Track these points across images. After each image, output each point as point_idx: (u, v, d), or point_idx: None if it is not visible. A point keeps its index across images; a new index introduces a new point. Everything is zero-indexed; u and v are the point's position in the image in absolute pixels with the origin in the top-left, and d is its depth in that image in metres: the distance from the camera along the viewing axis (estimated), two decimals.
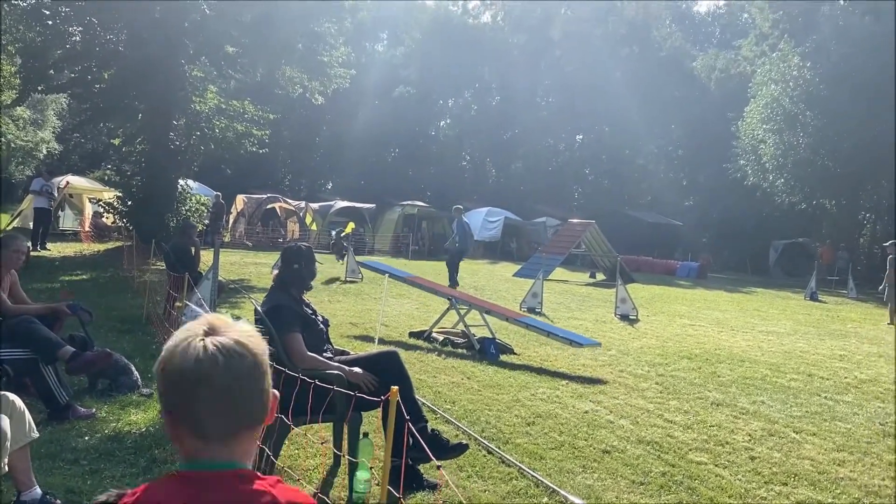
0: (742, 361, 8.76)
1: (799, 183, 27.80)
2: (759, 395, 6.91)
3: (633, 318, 12.53)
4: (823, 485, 4.52)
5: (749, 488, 4.38)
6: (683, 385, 7.18)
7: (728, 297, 19.28)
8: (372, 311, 10.77)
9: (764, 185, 29.46)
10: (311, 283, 4.41)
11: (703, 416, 5.98)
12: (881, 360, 9.76)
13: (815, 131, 26.07)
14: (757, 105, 28.70)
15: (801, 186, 27.95)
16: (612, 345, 9.45)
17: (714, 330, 11.79)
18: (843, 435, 5.70)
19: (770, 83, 27.76)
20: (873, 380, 8.15)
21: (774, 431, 5.66)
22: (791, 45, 27.38)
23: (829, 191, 28.19)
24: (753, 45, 32.62)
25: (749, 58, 33.98)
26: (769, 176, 28.60)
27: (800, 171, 27.22)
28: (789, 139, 26.95)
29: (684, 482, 4.39)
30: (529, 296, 13.04)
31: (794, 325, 13.21)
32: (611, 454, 4.84)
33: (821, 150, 26.38)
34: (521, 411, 5.77)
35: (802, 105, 26.22)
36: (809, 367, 8.65)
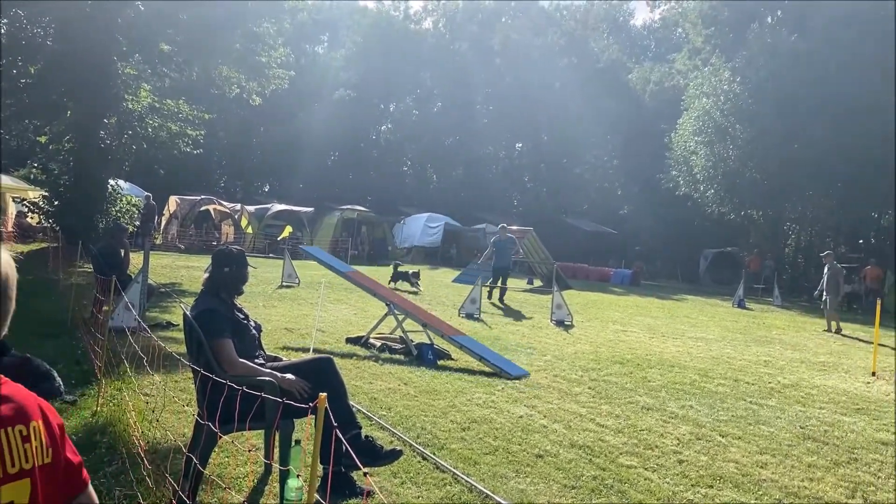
0: (672, 367, 8.98)
1: (728, 194, 28.72)
2: (687, 400, 7.09)
3: (568, 323, 12.71)
4: (747, 486, 4.66)
5: (677, 491, 4.48)
6: (615, 390, 7.31)
7: (660, 303, 19.75)
8: (308, 317, 10.62)
9: (695, 195, 30.33)
10: (243, 287, 4.32)
11: (633, 421, 6.10)
12: (803, 365, 10.15)
13: (743, 144, 26.99)
14: (689, 117, 29.55)
15: (731, 197, 28.88)
16: (548, 350, 9.57)
17: (646, 336, 12.06)
18: (766, 438, 5.90)
19: (702, 96, 28.63)
20: (795, 385, 8.46)
21: (702, 435, 5.82)
22: (722, 60, 28.32)
23: (757, 202, 29.20)
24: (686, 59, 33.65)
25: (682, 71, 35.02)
26: (700, 186, 29.46)
27: (729, 183, 28.13)
28: (719, 151, 27.83)
29: (614, 486, 4.47)
30: (468, 302, 13.09)
31: (722, 332, 13.61)
32: (544, 458, 4.89)
33: (749, 162, 27.33)
34: (456, 416, 5.77)
35: (732, 118, 27.12)
36: (736, 373, 8.92)
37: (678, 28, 42.27)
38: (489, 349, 8.41)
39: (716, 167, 27.97)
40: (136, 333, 6.31)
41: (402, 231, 32.83)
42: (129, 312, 7.62)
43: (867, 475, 5.11)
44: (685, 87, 32.16)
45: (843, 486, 4.81)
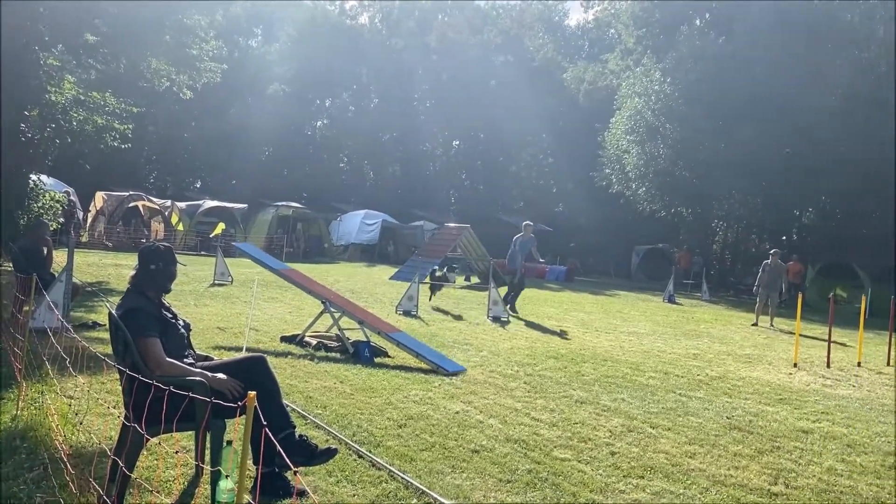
0: (605, 361, 9.16)
1: (659, 192, 29.45)
2: (619, 393, 7.25)
3: (504, 319, 12.83)
4: (676, 476, 4.79)
5: (609, 482, 4.57)
6: (550, 384, 7.42)
7: (593, 299, 20.14)
8: (241, 316, 10.43)
9: (627, 193, 31.00)
10: (171, 285, 4.19)
11: (567, 414, 6.20)
12: (729, 358, 10.50)
13: (673, 143, 27.72)
14: (621, 117, 30.17)
15: (661, 195, 29.62)
16: (484, 346, 9.63)
17: (580, 331, 12.27)
18: (695, 429, 6.07)
19: (634, 96, 29.26)
20: (722, 377, 8.74)
21: (633, 427, 5.95)
22: (653, 61, 29.00)
23: (686, 200, 30.03)
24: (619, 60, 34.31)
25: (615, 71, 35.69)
26: (632, 185, 30.13)
27: (660, 181, 28.85)
28: (651, 150, 28.50)
29: (549, 479, 4.52)
30: (405, 299, 13.06)
31: (654, 326, 13.97)
32: (480, 453, 4.92)
33: (679, 161, 28.08)
34: (393, 414, 5.75)
35: (663, 118, 27.81)
36: (666, 366, 9.16)
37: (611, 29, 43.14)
38: (426, 346, 8.42)
39: (647, 166, 28.64)
40: (58, 334, 6.07)
41: (338, 228, 32.56)
42: (52, 312, 7.32)
43: (789, 462, 5.32)
44: (618, 87, 32.80)
45: (767, 473, 4.99)
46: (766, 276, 16.10)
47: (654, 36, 29.52)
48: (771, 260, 16.41)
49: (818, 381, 9.09)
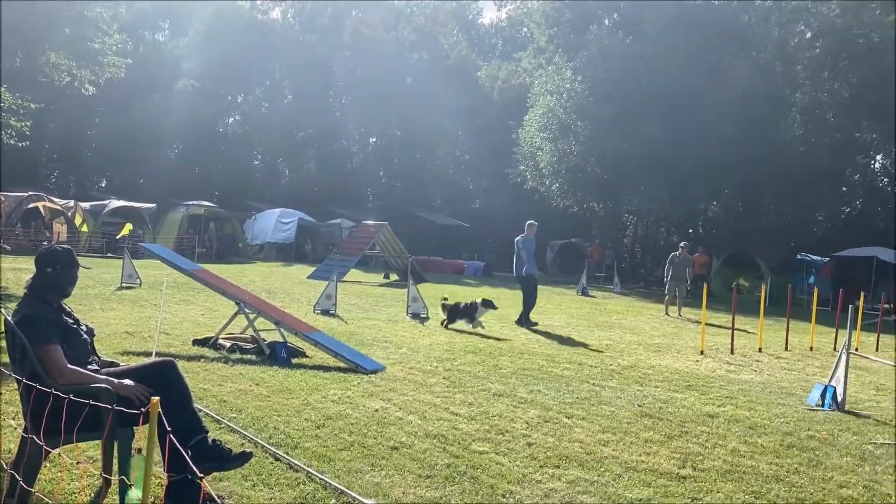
0: (522, 354, 9.32)
1: (572, 187, 30.13)
2: (536, 385, 7.39)
3: (423, 316, 12.87)
4: (590, 464, 4.92)
5: (526, 473, 4.65)
6: (469, 378, 7.49)
7: (510, 293, 20.40)
8: (151, 319, 10.07)
9: (541, 189, 31.58)
10: (71, 289, 4.00)
11: (485, 408, 6.27)
12: (640, 347, 10.86)
13: (584, 140, 28.41)
14: (534, 114, 30.70)
15: (574, 191, 30.32)
16: (403, 343, 9.64)
17: (497, 325, 12.44)
18: (608, 417, 6.25)
19: (546, 94, 29.81)
20: (633, 366, 9.03)
21: (549, 418, 6.08)
22: (564, 59, 29.61)
23: (598, 195, 30.85)
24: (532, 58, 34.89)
25: (528, 70, 36.29)
26: (546, 181, 30.71)
27: (572, 177, 29.52)
28: (563, 147, 29.13)
29: (467, 472, 4.57)
30: (323, 298, 12.92)
31: (568, 319, 14.30)
32: (399, 450, 4.92)
33: (590, 157, 28.80)
34: (311, 414, 5.68)
35: (574, 116, 28.46)
36: (580, 357, 9.40)
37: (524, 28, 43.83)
38: (344, 345, 8.35)
39: (560, 162, 29.25)
40: None
41: (253, 227, 31.87)
42: None
43: (696, 446, 5.54)
44: (531, 85, 33.36)
45: (676, 458, 5.19)
46: (673, 268, 16.74)
47: (565, 35, 30.15)
48: (679, 252, 17.07)
49: (723, 367, 9.51)
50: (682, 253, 17.04)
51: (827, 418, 6.78)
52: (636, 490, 4.48)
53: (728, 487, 4.64)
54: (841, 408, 7.13)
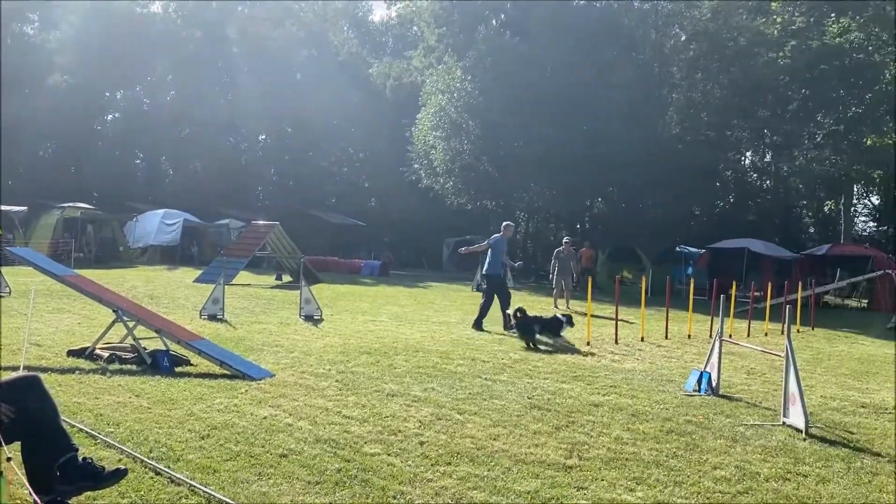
0: (417, 352, 9.34)
1: (465, 185, 30.49)
2: (430, 383, 7.41)
3: (317, 318, 12.68)
4: (481, 459, 4.98)
5: (417, 472, 4.66)
6: (362, 380, 7.42)
7: (407, 292, 20.47)
8: (21, 330, 9.41)
9: (436, 187, 31.79)
10: None
11: (378, 409, 6.24)
12: None
13: (476, 139, 28.81)
14: (427, 113, 30.86)
15: (467, 189, 30.69)
16: (295, 346, 9.45)
17: (393, 324, 12.42)
18: (499, 411, 6.35)
19: (438, 93, 30.01)
20: (524, 359, 9.23)
21: (442, 415, 6.11)
22: (454, 59, 29.92)
23: (490, 193, 31.36)
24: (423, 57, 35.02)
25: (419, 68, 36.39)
26: (440, 179, 30.94)
27: (466, 175, 29.88)
28: (456, 145, 29.42)
29: (358, 475, 4.52)
30: (210, 302, 12.48)
31: (463, 315, 14.45)
32: (288, 457, 4.81)
33: (482, 156, 29.23)
34: (195, 425, 5.47)
35: (465, 114, 28.80)
36: (473, 352, 9.51)
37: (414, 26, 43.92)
38: (230, 352, 8.09)
39: (453, 160, 29.53)
40: None
41: (134, 229, 30.43)
42: None
43: (582, 435, 5.72)
44: (422, 84, 33.49)
45: (563, 448, 5.33)
46: (559, 263, 17.28)
47: (454, 35, 30.47)
48: (563, 248, 17.63)
49: (608, 356, 9.87)
50: (566, 248, 17.60)
51: (703, 403, 7.15)
52: (524, 482, 4.57)
53: (612, 475, 4.81)
54: (715, 392, 7.54)
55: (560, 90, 27.01)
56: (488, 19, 30.64)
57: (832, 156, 26.43)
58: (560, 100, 26.96)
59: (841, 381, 8.92)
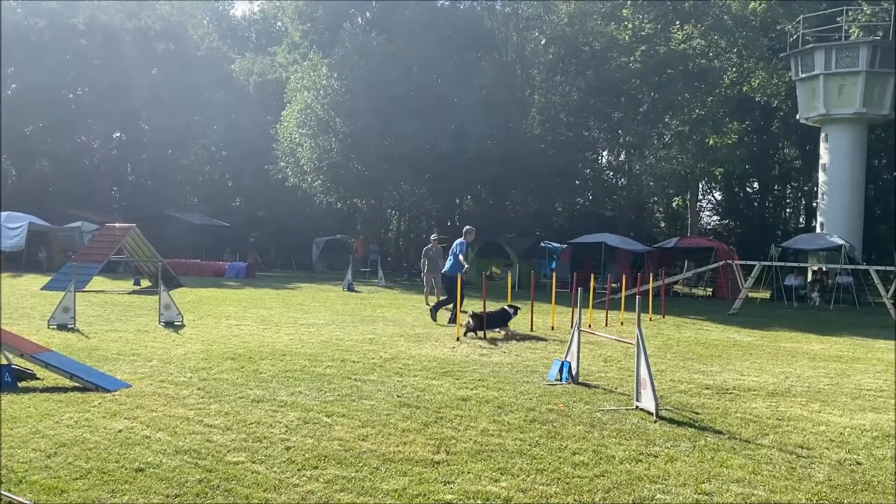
0: (284, 355, 9.16)
1: (334, 184, 30.15)
2: (297, 386, 7.30)
3: (178, 324, 12.16)
4: (349, 461, 4.97)
5: (283, 478, 4.58)
6: (226, 387, 7.20)
7: (275, 294, 20.01)
8: None
9: (303, 185, 31.25)
10: None
11: (243, 416, 6.07)
12: (402, 339, 11.18)
13: (344, 137, 28.55)
14: (293, 110, 30.25)
15: (336, 187, 30.37)
16: (154, 355, 9.03)
17: (259, 328, 12.11)
18: (368, 411, 6.36)
19: (303, 90, 29.49)
20: (395, 357, 9.28)
21: (309, 419, 6.04)
22: (319, 55, 29.50)
23: (360, 191, 31.21)
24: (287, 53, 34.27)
25: (284, 64, 35.62)
26: (308, 177, 30.43)
27: (334, 174, 29.54)
28: (323, 143, 29.03)
29: (221, 485, 4.39)
30: (60, 311, 11.66)
31: (333, 316, 14.32)
32: (145, 471, 4.60)
33: (351, 154, 29.02)
34: (41, 443, 5.11)
35: (332, 112, 28.47)
36: (343, 353, 9.46)
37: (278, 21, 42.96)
38: (81, 364, 7.61)
39: (320, 159, 29.14)
40: None
41: None
42: None
43: (450, 430, 5.83)
44: (287, 80, 32.81)
45: (431, 444, 5.41)
46: (428, 260, 17.48)
47: (319, 31, 30.05)
48: (432, 245, 17.86)
49: (476, 351, 10.10)
50: (434, 245, 17.83)
51: (564, 391, 7.48)
52: (392, 481, 4.60)
53: (478, 467, 4.93)
54: (575, 380, 7.91)
55: (427, 89, 27.31)
56: (353, 17, 30.43)
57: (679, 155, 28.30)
58: (427, 99, 27.25)
59: (688, 365, 9.58)
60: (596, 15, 30.84)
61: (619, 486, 4.65)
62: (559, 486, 4.61)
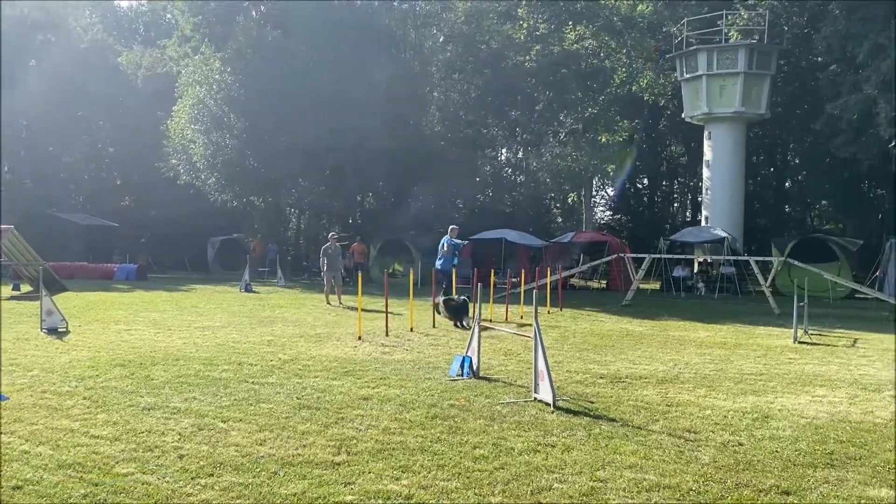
0: (177, 360, 8.83)
1: (230, 182, 29.27)
2: (191, 392, 7.05)
3: (62, 330, 11.52)
4: (246, 466, 4.84)
5: (176, 488, 4.41)
6: (114, 395, 6.87)
7: (167, 296, 19.27)
8: None
9: (197, 183, 30.20)
10: None
11: (132, 425, 5.81)
12: (302, 339, 11.00)
13: (239, 133, 27.76)
14: (184, 105, 29.18)
15: (232, 185, 29.49)
16: (35, 364, 8.51)
17: (151, 332, 11.63)
18: (266, 415, 6.21)
19: (195, 85, 28.49)
20: (294, 359, 9.11)
21: (204, 425, 5.84)
22: (212, 49, 28.56)
23: (257, 189, 30.44)
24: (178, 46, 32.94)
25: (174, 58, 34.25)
26: (201, 175, 29.41)
27: (229, 171, 28.69)
28: (217, 140, 28.15)
29: (108, 499, 4.19)
30: None
31: (229, 318, 13.92)
32: (23, 489, 4.33)
33: (247, 150, 28.27)
34: None
35: (226, 108, 27.63)
36: (240, 356, 9.21)
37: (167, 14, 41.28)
38: None
39: (214, 155, 28.24)
40: None
41: None
42: None
43: (351, 430, 5.78)
44: (178, 75, 31.61)
45: (331, 445, 5.34)
46: (327, 259, 17.31)
47: (212, 24, 29.07)
48: (330, 243, 17.69)
49: (379, 349, 10.06)
50: (333, 244, 17.67)
51: (465, 386, 7.56)
52: (291, 485, 4.52)
53: (379, 466, 4.91)
54: (476, 375, 8.01)
55: (324, 86, 26.91)
56: (247, 11, 29.64)
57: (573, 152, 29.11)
58: (325, 95, 26.86)
59: (584, 356, 9.89)
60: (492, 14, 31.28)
61: (518, 477, 4.74)
62: (459, 481, 4.65)
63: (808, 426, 6.18)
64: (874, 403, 7.14)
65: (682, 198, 43.77)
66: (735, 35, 26.13)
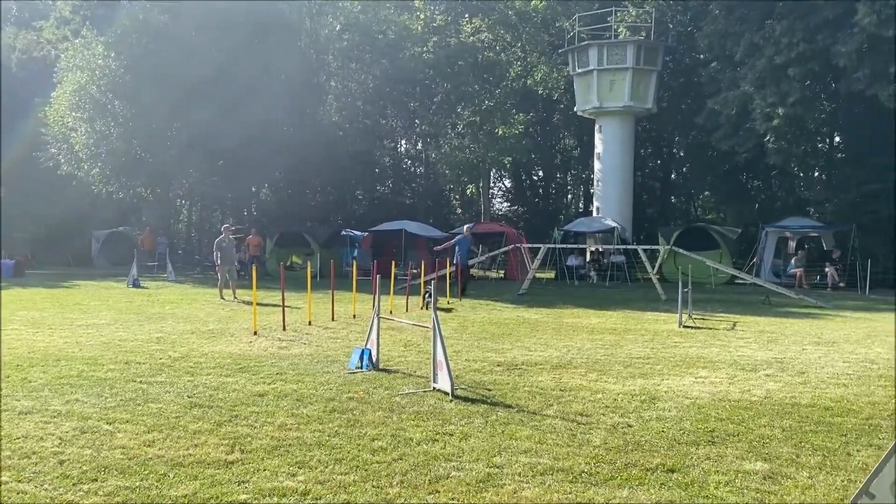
0: (58, 361, 8.36)
1: (115, 172, 27.88)
2: (73, 394, 6.68)
3: None
4: (133, 469, 4.63)
5: (56, 495, 4.17)
6: None
7: (48, 293, 18.20)
8: None
9: (79, 174, 28.61)
10: None
11: (7, 430, 5.45)
12: (194, 336, 10.64)
13: (125, 121, 26.48)
14: (64, 91, 27.57)
15: (118, 175, 28.12)
16: None
17: (29, 332, 10.94)
18: (155, 415, 5.96)
19: (76, 70, 26.95)
20: (185, 356, 8.79)
21: (87, 428, 5.55)
22: (94, 33, 27.07)
23: (145, 179, 29.15)
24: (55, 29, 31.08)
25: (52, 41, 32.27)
26: (84, 165, 27.88)
27: (114, 161, 27.32)
28: (101, 128, 26.74)
29: None
30: None
31: (116, 315, 13.29)
32: None
33: (133, 139, 27.00)
34: None
35: (111, 94, 26.29)
36: (127, 355, 8.80)
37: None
38: None
39: (98, 145, 26.82)
40: None
41: None
42: None
43: (245, 428, 5.63)
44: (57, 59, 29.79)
45: (224, 444, 5.19)
46: (221, 252, 16.80)
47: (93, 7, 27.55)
48: (223, 235, 17.18)
49: (275, 344, 9.86)
50: (227, 236, 17.18)
51: (364, 378, 7.52)
52: (182, 486, 4.36)
53: (274, 463, 4.81)
54: (376, 367, 7.98)
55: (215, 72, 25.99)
56: None
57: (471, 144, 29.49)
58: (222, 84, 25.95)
59: (482, 345, 10.04)
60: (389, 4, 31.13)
61: (416, 467, 4.76)
62: (357, 474, 4.63)
63: (692, 406, 6.52)
64: (751, 382, 7.61)
65: (576, 189, 45.11)
66: (624, 32, 27.11)
